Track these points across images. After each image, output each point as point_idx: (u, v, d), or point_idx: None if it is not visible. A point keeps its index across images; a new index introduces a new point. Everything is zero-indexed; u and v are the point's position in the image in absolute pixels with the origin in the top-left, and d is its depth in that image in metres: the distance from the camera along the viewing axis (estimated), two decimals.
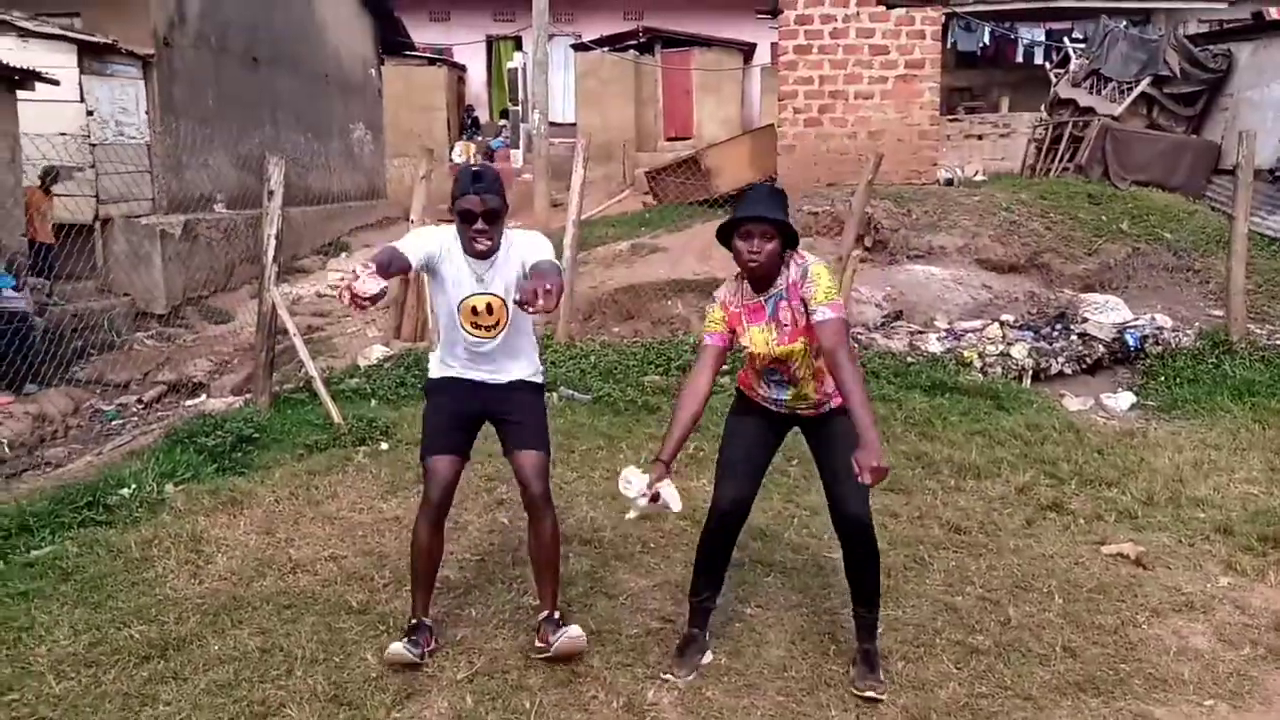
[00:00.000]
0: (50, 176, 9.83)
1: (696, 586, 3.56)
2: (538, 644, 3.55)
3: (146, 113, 11.14)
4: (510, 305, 3.44)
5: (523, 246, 3.47)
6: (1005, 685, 3.38)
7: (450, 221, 3.49)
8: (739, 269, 3.37)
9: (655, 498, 3.26)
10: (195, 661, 3.48)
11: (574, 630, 3.51)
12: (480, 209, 3.32)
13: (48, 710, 3.21)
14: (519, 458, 3.55)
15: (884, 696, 3.30)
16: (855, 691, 3.32)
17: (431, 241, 3.45)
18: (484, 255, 3.40)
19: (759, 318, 3.37)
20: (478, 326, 3.50)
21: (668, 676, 3.42)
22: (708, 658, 3.55)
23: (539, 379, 3.70)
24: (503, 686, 3.35)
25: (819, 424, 3.46)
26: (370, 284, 3.00)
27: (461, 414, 3.59)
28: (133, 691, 3.30)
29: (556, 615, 3.58)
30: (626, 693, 3.32)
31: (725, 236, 3.37)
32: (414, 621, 3.56)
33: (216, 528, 4.66)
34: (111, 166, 10.53)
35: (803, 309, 3.29)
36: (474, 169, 3.43)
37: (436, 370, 3.68)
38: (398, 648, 3.44)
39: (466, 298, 3.46)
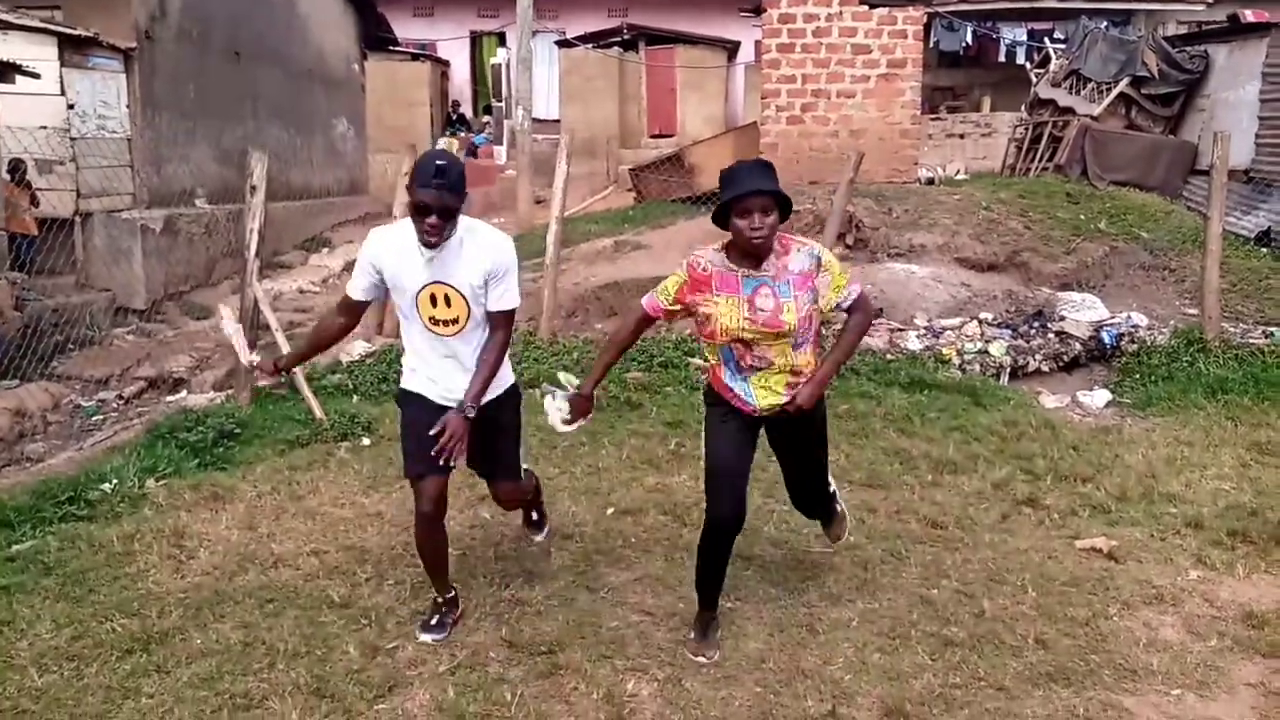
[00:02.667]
0: (16, 169, 9.71)
1: (701, 586, 3.66)
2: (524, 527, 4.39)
3: (128, 106, 11.05)
4: (471, 304, 3.43)
5: (486, 250, 3.42)
6: (979, 676, 3.44)
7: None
8: (740, 246, 3.31)
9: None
10: (177, 655, 3.50)
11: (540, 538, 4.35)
12: (437, 204, 3.26)
13: (30, 703, 3.23)
14: (490, 484, 3.86)
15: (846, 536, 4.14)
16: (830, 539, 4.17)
17: (374, 257, 3.48)
18: (432, 246, 3.35)
19: (732, 290, 3.35)
20: (436, 322, 3.48)
21: (700, 658, 3.53)
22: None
23: (508, 382, 3.72)
24: (484, 679, 3.39)
25: (777, 423, 3.58)
26: None
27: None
28: (115, 685, 3.33)
29: (535, 516, 4.33)
30: (606, 684, 3.36)
31: (723, 218, 3.31)
32: (440, 601, 3.74)
33: (198, 523, 4.67)
34: (92, 160, 10.43)
35: (809, 298, 3.30)
36: (439, 162, 3.29)
37: (407, 379, 3.67)
38: (428, 638, 3.62)
39: (424, 286, 3.43)
